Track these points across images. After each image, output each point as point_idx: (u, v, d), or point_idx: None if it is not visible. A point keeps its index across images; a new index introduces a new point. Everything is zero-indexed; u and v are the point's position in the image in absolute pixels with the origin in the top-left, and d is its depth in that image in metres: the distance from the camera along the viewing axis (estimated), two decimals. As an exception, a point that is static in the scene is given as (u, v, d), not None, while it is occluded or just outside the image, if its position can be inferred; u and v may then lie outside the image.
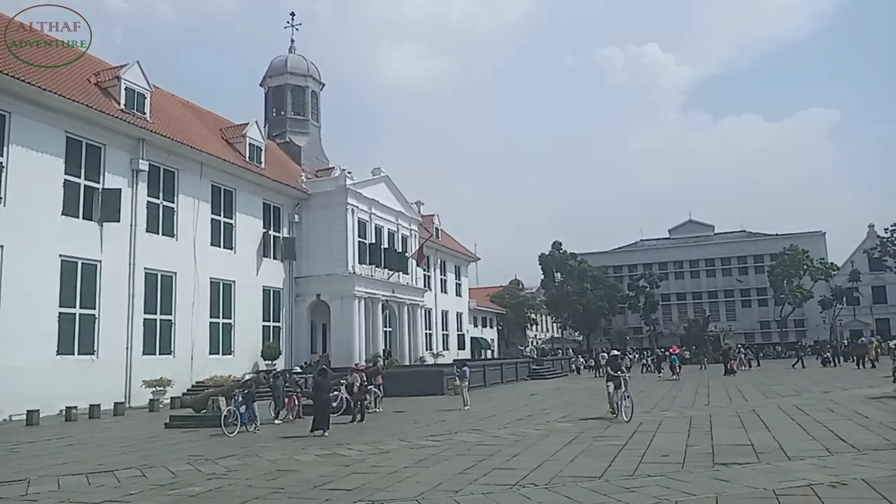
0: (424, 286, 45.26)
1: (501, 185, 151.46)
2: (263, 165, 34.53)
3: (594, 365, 46.04)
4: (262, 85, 44.87)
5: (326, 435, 14.54)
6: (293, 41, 45.47)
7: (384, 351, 37.02)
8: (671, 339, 68.54)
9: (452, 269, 55.26)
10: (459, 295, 56.53)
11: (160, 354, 26.48)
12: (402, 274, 40.23)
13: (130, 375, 24.65)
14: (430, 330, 48.04)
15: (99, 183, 24.60)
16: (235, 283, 31.18)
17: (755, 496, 7.56)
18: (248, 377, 20.75)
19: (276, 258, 34.41)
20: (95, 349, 23.68)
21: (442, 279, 52.46)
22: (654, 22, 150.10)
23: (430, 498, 8.11)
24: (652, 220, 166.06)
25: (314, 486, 9.11)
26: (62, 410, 20.76)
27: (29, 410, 19.64)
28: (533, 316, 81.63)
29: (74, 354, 22.89)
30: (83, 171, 24.07)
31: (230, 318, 30.81)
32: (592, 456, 10.76)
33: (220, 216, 30.88)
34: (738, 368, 41.08)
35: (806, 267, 67.28)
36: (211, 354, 29.13)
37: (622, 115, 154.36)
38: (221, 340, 30.17)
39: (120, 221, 24.87)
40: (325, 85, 45.80)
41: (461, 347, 54.24)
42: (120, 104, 26.03)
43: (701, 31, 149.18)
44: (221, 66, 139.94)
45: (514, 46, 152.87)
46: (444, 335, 51.72)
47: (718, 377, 33.66)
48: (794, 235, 75.03)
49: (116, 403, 22.66)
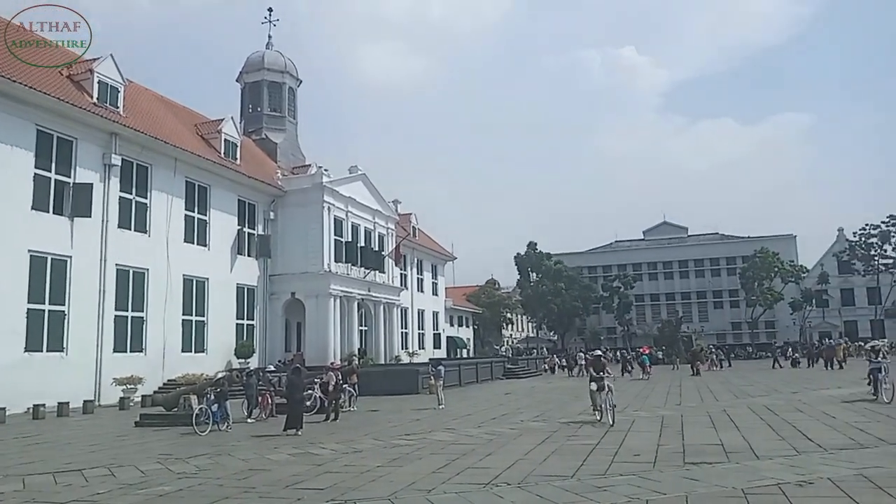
0: (401, 285, 45.18)
1: (479, 184, 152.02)
2: (239, 162, 34.24)
3: (566, 365, 46.39)
4: (238, 80, 44.42)
5: (300, 434, 14.46)
6: (270, 37, 45.22)
7: (359, 350, 36.86)
8: (645, 339, 69.21)
9: (429, 268, 55.23)
10: (436, 294, 56.51)
11: (131, 352, 26.10)
12: (378, 272, 40.10)
13: (100, 373, 24.28)
14: (405, 329, 47.96)
15: (70, 177, 24.18)
16: (209, 280, 30.86)
17: (725, 495, 7.66)
18: (220, 375, 20.50)
19: (250, 255, 34.13)
20: (65, 346, 23.30)
21: (419, 278, 52.41)
22: (631, 25, 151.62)
23: (402, 497, 8.10)
24: (627, 221, 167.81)
25: (286, 485, 9.04)
26: (30, 408, 20.35)
27: (-5, 408, 19.23)
28: (508, 315, 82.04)
29: (43, 351, 22.49)
30: (54, 164, 23.63)
31: (203, 315, 30.49)
32: (565, 455, 10.82)
33: (193, 212, 30.53)
34: (710, 368, 41.76)
35: (777, 269, 68.24)
36: (183, 352, 28.79)
37: (599, 116, 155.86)
38: (194, 338, 29.83)
39: (91, 217, 24.47)
40: (302, 81, 45.52)
41: (437, 346, 54.23)
42: (93, 97, 25.63)
43: (678, 35, 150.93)
44: (198, 61, 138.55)
45: (493, 46, 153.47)
46: (419, 334, 51.68)
47: (690, 377, 34.16)
48: (765, 238, 76.00)
49: (86, 401, 22.26)
